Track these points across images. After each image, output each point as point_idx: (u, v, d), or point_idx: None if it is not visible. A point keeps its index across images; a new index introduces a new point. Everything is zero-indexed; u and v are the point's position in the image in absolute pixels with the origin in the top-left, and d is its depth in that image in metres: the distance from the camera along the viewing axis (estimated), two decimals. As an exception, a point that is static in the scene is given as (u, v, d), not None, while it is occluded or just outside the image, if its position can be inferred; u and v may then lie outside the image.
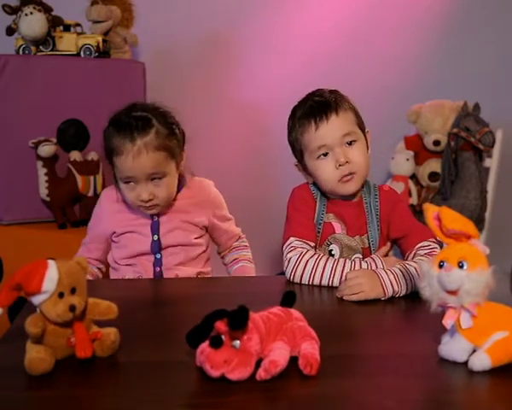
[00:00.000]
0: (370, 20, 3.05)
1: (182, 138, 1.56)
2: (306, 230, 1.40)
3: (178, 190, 1.59)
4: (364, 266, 1.33)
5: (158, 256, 1.56)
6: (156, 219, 1.56)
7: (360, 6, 3.05)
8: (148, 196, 1.49)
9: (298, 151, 1.45)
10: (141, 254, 1.55)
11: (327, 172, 1.39)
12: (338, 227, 1.43)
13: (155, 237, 1.55)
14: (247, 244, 1.75)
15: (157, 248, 1.55)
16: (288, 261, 1.37)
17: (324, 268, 1.33)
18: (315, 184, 1.47)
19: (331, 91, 1.44)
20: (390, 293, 1.26)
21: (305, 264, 1.35)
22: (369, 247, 1.43)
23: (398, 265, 1.32)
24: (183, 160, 1.56)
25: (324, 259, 1.35)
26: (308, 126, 1.39)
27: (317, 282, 1.34)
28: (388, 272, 1.28)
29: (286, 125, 1.48)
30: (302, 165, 1.46)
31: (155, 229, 1.55)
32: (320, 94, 1.43)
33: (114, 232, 1.57)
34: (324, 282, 1.33)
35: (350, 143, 1.39)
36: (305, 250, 1.37)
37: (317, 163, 1.40)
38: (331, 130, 1.38)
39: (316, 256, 1.35)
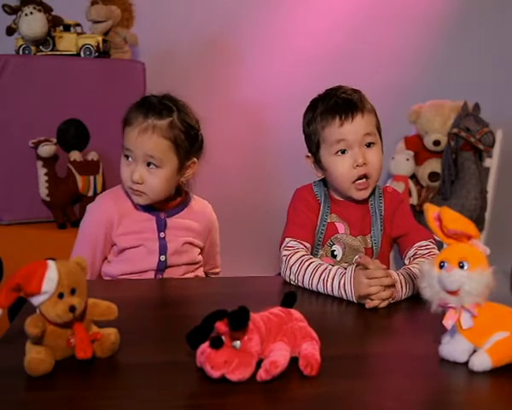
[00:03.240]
0: (371, 20, 3.05)
1: (196, 146, 1.52)
2: (303, 231, 1.40)
3: (183, 208, 1.57)
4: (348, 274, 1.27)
5: (161, 273, 1.53)
6: (163, 235, 1.52)
7: (360, 6, 3.05)
8: (139, 178, 1.45)
9: (314, 143, 1.43)
10: (145, 271, 1.51)
11: (343, 170, 1.39)
12: (341, 227, 1.43)
13: (162, 258, 1.51)
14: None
15: (163, 267, 1.52)
16: (281, 261, 1.38)
17: (305, 272, 1.33)
18: (319, 184, 1.47)
19: (354, 90, 1.43)
20: (398, 299, 1.26)
21: (292, 265, 1.35)
22: (372, 247, 1.43)
23: (402, 268, 1.32)
24: (190, 169, 1.52)
25: (308, 262, 1.34)
26: (332, 121, 1.38)
27: (300, 284, 1.34)
28: (399, 275, 1.28)
29: (286, 124, 1.48)
30: (316, 158, 1.45)
31: (163, 248, 1.51)
32: (344, 91, 1.42)
33: (115, 245, 1.51)
34: (305, 285, 1.33)
35: (369, 146, 1.40)
36: (296, 251, 1.37)
37: (334, 159, 1.40)
38: (355, 128, 1.38)
39: (302, 258, 1.35)
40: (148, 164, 1.46)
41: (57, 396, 0.85)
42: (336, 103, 1.39)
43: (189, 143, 1.49)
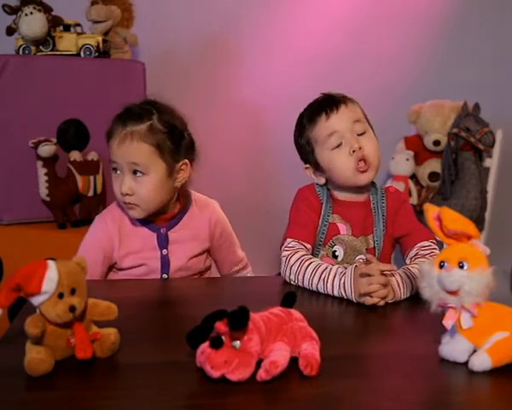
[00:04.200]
0: (370, 20, 3.05)
1: (184, 147, 1.47)
2: (304, 232, 1.40)
3: (184, 214, 1.53)
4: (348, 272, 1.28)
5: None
6: (166, 252, 1.49)
7: (360, 6, 3.05)
8: (128, 189, 1.41)
9: (309, 151, 1.44)
10: None
11: (342, 160, 1.38)
12: (343, 228, 1.42)
13: (164, 276, 1.49)
14: (248, 270, 1.70)
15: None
16: (282, 261, 1.39)
17: (306, 271, 1.33)
18: (321, 185, 1.46)
19: (337, 93, 1.45)
20: (397, 298, 1.26)
21: (292, 264, 1.35)
22: (374, 247, 1.43)
23: (401, 269, 1.33)
24: (182, 172, 1.47)
25: (308, 262, 1.34)
26: (318, 119, 1.40)
27: (300, 283, 1.34)
28: (396, 275, 1.29)
29: (286, 124, 1.48)
30: (314, 164, 1.44)
31: (165, 266, 1.49)
32: (327, 93, 1.45)
33: (116, 263, 1.49)
34: (305, 284, 1.33)
35: (360, 135, 1.40)
36: (296, 251, 1.37)
37: (330, 154, 1.40)
38: (341, 118, 1.39)
39: (302, 258, 1.35)
40: (135, 172, 1.42)
41: (57, 396, 0.85)
42: (319, 104, 1.43)
43: (173, 144, 1.44)
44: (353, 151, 1.37)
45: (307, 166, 1.47)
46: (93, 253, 1.46)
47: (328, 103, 1.41)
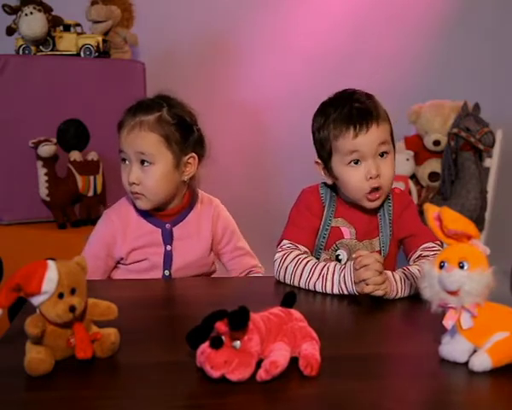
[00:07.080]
0: (371, 20, 3.05)
1: (192, 140, 1.49)
2: (302, 234, 1.40)
3: (189, 211, 1.54)
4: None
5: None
6: (170, 248, 1.50)
7: (360, 6, 3.06)
8: (135, 178, 1.43)
9: (326, 151, 1.38)
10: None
11: (356, 181, 1.35)
12: (347, 232, 1.40)
13: (166, 273, 1.50)
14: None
15: (167, 278, 1.51)
16: (274, 262, 1.38)
17: (303, 270, 1.32)
18: (326, 186, 1.44)
19: (368, 96, 1.38)
20: (394, 293, 1.26)
21: (288, 264, 1.35)
22: (380, 250, 1.41)
23: (400, 269, 1.33)
24: (190, 165, 1.49)
25: (305, 261, 1.34)
26: (346, 132, 1.33)
27: (296, 283, 1.33)
28: (394, 272, 1.29)
29: (286, 124, 1.47)
30: (327, 166, 1.40)
31: (168, 262, 1.50)
32: (358, 99, 1.36)
33: (122, 258, 1.50)
34: (302, 284, 1.33)
35: (382, 155, 1.35)
36: (291, 251, 1.37)
37: (346, 169, 1.35)
38: (369, 139, 1.33)
39: (298, 257, 1.35)
40: (142, 162, 1.44)
41: (57, 396, 0.85)
42: (350, 113, 1.34)
43: (181, 136, 1.46)
44: (370, 177, 1.34)
45: (319, 161, 1.42)
46: (97, 248, 1.50)
47: (359, 118, 1.32)
